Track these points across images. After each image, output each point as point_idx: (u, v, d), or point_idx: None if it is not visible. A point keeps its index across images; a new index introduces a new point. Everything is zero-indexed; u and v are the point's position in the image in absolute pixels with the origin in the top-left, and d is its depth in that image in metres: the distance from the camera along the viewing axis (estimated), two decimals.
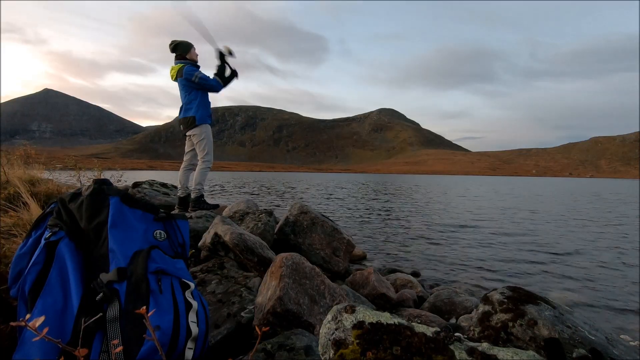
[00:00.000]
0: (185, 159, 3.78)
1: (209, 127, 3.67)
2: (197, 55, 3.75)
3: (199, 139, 3.57)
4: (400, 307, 2.76)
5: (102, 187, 1.17)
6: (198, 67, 3.68)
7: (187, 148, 3.77)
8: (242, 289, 1.85)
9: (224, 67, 3.69)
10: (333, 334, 0.83)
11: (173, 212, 1.71)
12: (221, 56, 3.67)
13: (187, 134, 3.63)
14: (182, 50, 3.64)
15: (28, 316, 0.58)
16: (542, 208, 12.54)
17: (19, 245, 1.18)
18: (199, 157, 3.64)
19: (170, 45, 3.68)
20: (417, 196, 17.45)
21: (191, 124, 3.54)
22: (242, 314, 1.63)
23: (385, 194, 18.95)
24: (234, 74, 3.76)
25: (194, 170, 3.73)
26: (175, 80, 3.60)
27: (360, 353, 0.75)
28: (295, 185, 23.93)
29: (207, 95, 3.67)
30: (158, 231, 1.17)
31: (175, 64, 3.61)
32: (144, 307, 0.62)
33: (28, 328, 0.53)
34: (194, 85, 3.50)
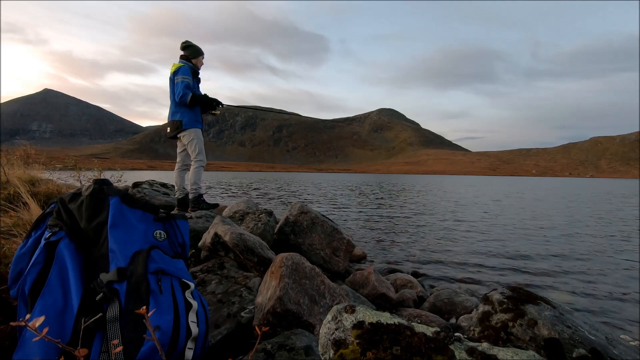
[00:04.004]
0: (178, 159, 3.78)
1: (199, 130, 3.65)
2: (203, 64, 3.76)
3: (188, 139, 3.57)
4: (400, 307, 2.76)
5: (102, 187, 1.17)
6: (197, 74, 3.69)
7: (179, 149, 3.77)
8: (242, 289, 1.85)
9: (206, 105, 3.71)
10: (333, 334, 0.83)
11: (173, 212, 1.71)
12: (213, 107, 3.76)
13: (177, 136, 3.62)
14: (190, 52, 3.66)
15: (28, 316, 0.58)
16: (543, 209, 12.55)
17: (19, 245, 1.18)
18: (191, 158, 3.64)
19: (182, 43, 3.68)
20: (417, 196, 17.46)
21: (178, 128, 3.53)
22: (242, 314, 1.63)
23: (385, 194, 18.96)
24: (207, 107, 3.77)
25: (188, 170, 3.73)
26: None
27: (360, 353, 0.75)
28: (294, 188, 23.99)
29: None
30: (158, 231, 1.17)
31: (179, 62, 3.61)
32: (144, 307, 0.62)
33: (28, 328, 0.53)
34: (174, 83, 3.49)
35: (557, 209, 12.41)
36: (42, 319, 0.57)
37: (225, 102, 3.84)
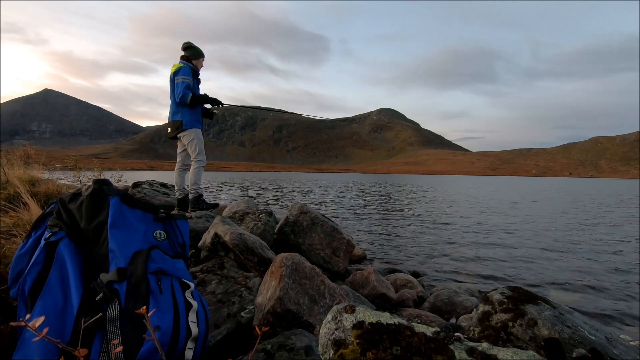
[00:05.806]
0: (178, 159, 3.79)
1: (199, 130, 3.66)
2: (203, 66, 3.78)
3: (188, 139, 3.58)
4: (400, 307, 2.76)
5: (102, 187, 1.17)
6: (198, 75, 3.70)
7: (179, 149, 3.78)
8: (242, 289, 1.85)
9: (207, 105, 3.74)
10: (333, 334, 0.83)
11: (173, 212, 1.71)
12: (212, 109, 3.83)
13: (178, 136, 3.63)
14: (190, 53, 3.67)
15: (28, 316, 0.58)
16: (543, 208, 12.54)
17: (19, 245, 1.19)
18: (191, 158, 3.65)
19: (183, 44, 3.70)
20: (417, 196, 17.45)
21: (178, 128, 3.54)
22: (242, 314, 1.63)
23: (385, 194, 18.95)
24: (207, 109, 3.82)
25: (188, 170, 3.73)
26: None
27: (360, 353, 0.75)
28: (294, 188, 23.97)
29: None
30: (158, 231, 1.17)
31: (179, 62, 3.61)
32: (144, 307, 0.61)
33: (28, 328, 0.53)
34: (174, 84, 3.51)
35: (558, 209, 12.41)
36: (42, 319, 0.57)
37: (225, 102, 3.86)
